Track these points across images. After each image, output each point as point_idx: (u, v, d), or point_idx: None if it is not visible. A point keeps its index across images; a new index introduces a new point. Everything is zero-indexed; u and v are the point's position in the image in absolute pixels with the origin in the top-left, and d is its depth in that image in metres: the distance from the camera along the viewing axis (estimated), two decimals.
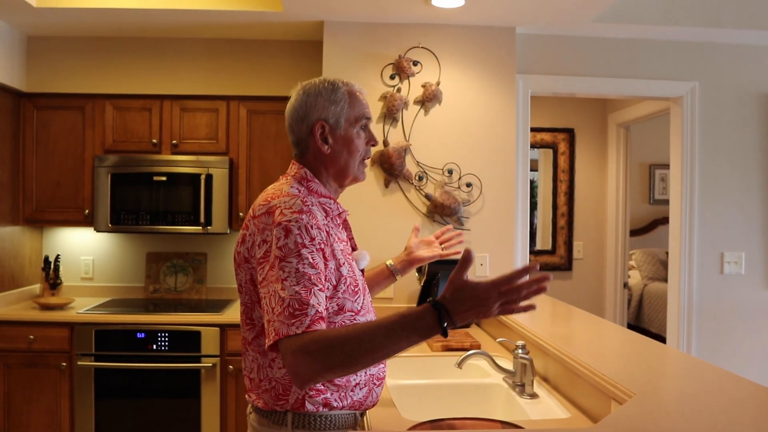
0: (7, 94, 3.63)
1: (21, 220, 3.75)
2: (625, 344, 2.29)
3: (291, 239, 1.42)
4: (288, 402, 1.53)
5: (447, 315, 1.27)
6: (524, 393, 2.14)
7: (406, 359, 2.59)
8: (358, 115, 1.62)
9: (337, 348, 1.31)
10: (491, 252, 3.48)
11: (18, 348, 3.44)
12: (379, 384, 1.67)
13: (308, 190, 1.59)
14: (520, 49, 3.56)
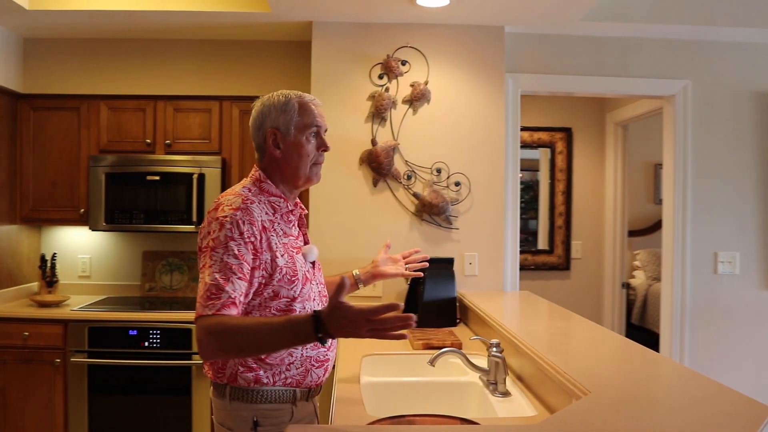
0: (4, 95, 3.70)
1: (18, 219, 3.81)
2: (600, 344, 2.28)
3: (222, 233, 1.62)
4: (225, 375, 1.72)
5: (323, 328, 1.43)
6: (497, 391, 2.15)
7: (385, 357, 2.61)
8: (308, 123, 1.80)
9: (231, 334, 1.51)
10: (480, 251, 3.48)
11: (13, 344, 3.51)
12: (320, 366, 1.79)
13: (260, 190, 1.79)
14: (510, 48, 3.56)
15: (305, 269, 1.78)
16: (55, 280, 3.85)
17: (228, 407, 1.71)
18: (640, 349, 2.09)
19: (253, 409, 1.69)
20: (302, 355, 1.75)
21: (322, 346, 1.57)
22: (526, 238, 5.02)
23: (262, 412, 1.70)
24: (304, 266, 1.78)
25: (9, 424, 3.53)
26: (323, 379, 1.84)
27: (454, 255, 3.43)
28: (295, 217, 1.86)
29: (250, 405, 1.69)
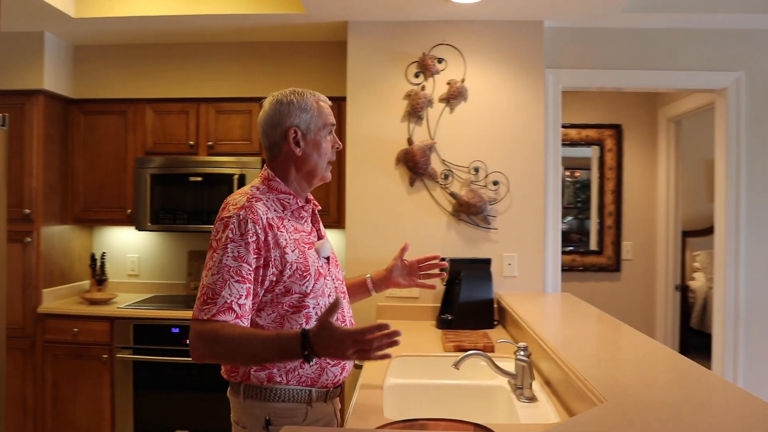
0: (56, 101, 3.85)
1: (70, 219, 3.96)
2: (629, 349, 2.19)
3: (224, 234, 1.63)
4: (239, 374, 1.73)
5: (310, 346, 1.48)
6: (523, 396, 2.09)
7: (414, 359, 2.57)
8: (326, 122, 1.82)
9: (222, 344, 1.55)
10: (519, 251, 3.40)
11: (64, 340, 3.65)
12: (335, 364, 1.77)
13: (269, 188, 1.78)
14: (550, 43, 3.46)
15: (318, 264, 1.76)
16: (105, 279, 3.98)
17: (242, 405, 1.72)
18: (671, 355, 1.99)
19: (266, 407, 1.69)
20: None
21: (308, 365, 1.60)
22: (580, 239, 4.89)
23: (275, 410, 1.69)
24: (317, 262, 1.77)
25: (61, 417, 3.67)
26: (341, 379, 1.81)
27: (492, 255, 3.37)
28: (308, 213, 1.85)
29: (263, 403, 1.69)
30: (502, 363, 2.20)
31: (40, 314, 3.67)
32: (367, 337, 1.44)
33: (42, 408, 3.67)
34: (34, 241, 3.68)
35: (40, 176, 3.70)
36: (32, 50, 3.68)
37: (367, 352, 1.45)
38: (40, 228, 3.70)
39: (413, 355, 2.59)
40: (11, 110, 3.68)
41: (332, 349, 1.46)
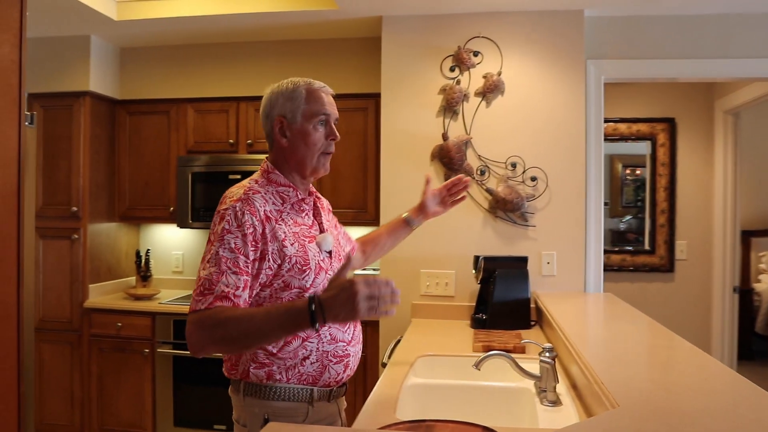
0: (104, 102, 3.97)
1: (116, 217, 4.07)
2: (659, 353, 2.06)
3: (221, 226, 1.59)
4: (238, 371, 1.69)
5: (318, 305, 1.39)
6: (546, 399, 2.00)
7: (441, 358, 2.51)
8: (315, 110, 1.73)
9: (222, 326, 1.47)
10: (559, 249, 3.28)
11: (108, 334, 3.75)
12: (338, 361, 1.72)
13: (268, 181, 1.75)
14: (591, 33, 3.32)
15: (319, 258, 1.70)
16: (149, 275, 4.07)
17: (242, 403, 1.69)
18: (704, 361, 1.85)
19: (265, 405, 1.65)
20: (318, 349, 1.68)
21: (314, 331, 1.44)
22: (636, 238, 4.70)
23: (274, 409, 1.65)
24: (318, 255, 1.71)
25: (105, 409, 3.78)
26: (344, 377, 1.77)
27: (530, 253, 3.26)
28: (309, 206, 1.80)
29: (262, 401, 1.65)
30: (528, 365, 2.12)
31: (86, 309, 3.78)
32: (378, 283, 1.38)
33: (88, 399, 3.79)
34: (81, 238, 3.80)
35: (87, 175, 3.81)
36: (79, 53, 3.80)
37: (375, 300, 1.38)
38: (87, 225, 3.81)
39: (439, 354, 2.53)
40: (60, 112, 3.82)
41: (342, 298, 1.37)
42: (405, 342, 2.80)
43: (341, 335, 1.73)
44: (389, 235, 2.27)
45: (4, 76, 1.97)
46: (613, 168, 4.70)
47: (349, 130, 3.81)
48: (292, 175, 1.77)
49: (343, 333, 1.74)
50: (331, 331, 1.71)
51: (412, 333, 3.00)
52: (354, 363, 1.80)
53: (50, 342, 3.83)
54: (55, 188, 3.85)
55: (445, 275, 3.36)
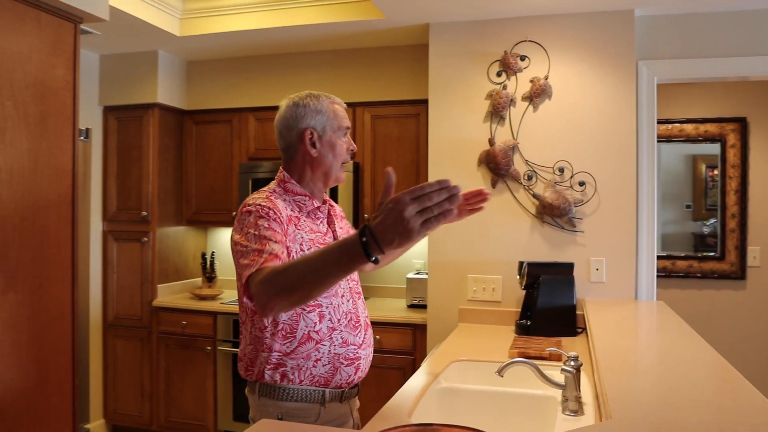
0: (172, 113, 4.22)
1: (184, 221, 4.31)
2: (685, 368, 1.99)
3: (251, 217, 1.67)
4: (254, 372, 1.77)
5: (370, 233, 1.23)
6: (567, 408, 1.99)
7: (475, 363, 2.52)
8: (341, 124, 1.84)
9: (282, 275, 1.43)
10: (608, 256, 3.21)
11: (174, 331, 3.98)
12: (349, 364, 1.79)
13: (284, 191, 1.82)
14: (642, 34, 3.24)
15: None
16: (214, 276, 4.29)
17: (257, 403, 1.78)
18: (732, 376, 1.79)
19: (278, 406, 1.74)
20: (329, 352, 1.76)
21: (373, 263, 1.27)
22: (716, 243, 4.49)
23: (287, 409, 1.73)
24: None
25: (172, 402, 4.01)
26: (355, 379, 1.83)
27: (578, 259, 3.21)
28: (323, 213, 1.88)
29: (276, 402, 1.74)
30: (551, 373, 2.11)
31: (155, 307, 4.03)
32: (426, 191, 1.18)
33: (156, 392, 4.03)
34: (150, 240, 4.05)
35: (156, 181, 4.07)
36: (148, 68, 4.06)
37: (429, 211, 1.17)
38: (156, 229, 4.07)
39: (473, 360, 2.55)
40: (132, 123, 4.09)
41: (390, 219, 1.18)
42: (444, 346, 2.83)
43: (352, 338, 1.80)
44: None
45: (60, 96, 2.17)
46: (696, 169, 4.52)
47: (402, 135, 3.88)
48: (312, 183, 1.84)
49: (354, 336, 1.81)
50: (342, 334, 1.78)
51: (454, 337, 3.02)
52: (365, 365, 1.86)
53: (122, 338, 4.11)
54: (127, 194, 4.12)
55: (492, 280, 3.37)
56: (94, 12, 2.24)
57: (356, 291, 1.89)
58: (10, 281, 1.97)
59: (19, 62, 2.01)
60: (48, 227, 2.12)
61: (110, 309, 4.15)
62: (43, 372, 2.11)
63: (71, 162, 2.20)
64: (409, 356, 3.55)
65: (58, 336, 2.16)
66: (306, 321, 1.74)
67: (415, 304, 3.79)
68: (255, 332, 1.78)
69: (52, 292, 2.13)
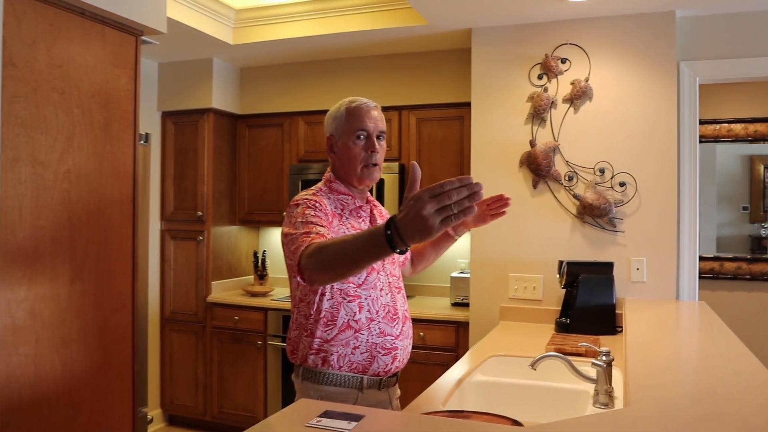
0: (226, 117, 4.42)
1: (237, 221, 4.51)
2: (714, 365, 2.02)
3: (299, 208, 1.80)
4: (298, 356, 1.91)
5: (394, 227, 1.28)
6: (598, 402, 2.05)
7: (511, 359, 2.60)
8: (354, 127, 1.93)
9: (324, 249, 1.52)
10: (649, 256, 3.23)
11: (227, 326, 4.17)
12: (386, 353, 1.90)
13: (330, 189, 1.98)
14: (683, 34, 3.24)
15: None
16: (265, 274, 4.46)
17: (301, 386, 1.92)
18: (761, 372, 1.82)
19: (319, 389, 1.87)
20: (367, 341, 1.88)
21: (394, 252, 1.32)
22: None
23: (326, 392, 1.86)
24: None
25: (224, 393, 4.20)
26: (392, 368, 1.94)
27: (619, 259, 3.24)
28: (366, 212, 2.00)
29: (317, 385, 1.87)
30: (583, 367, 2.17)
31: (209, 303, 4.23)
32: (446, 189, 1.19)
33: (210, 384, 4.23)
34: (205, 239, 4.26)
35: (211, 183, 4.27)
36: (203, 74, 4.27)
37: (448, 209, 1.19)
38: (210, 228, 4.27)
39: (509, 355, 2.63)
40: (188, 127, 4.31)
41: (411, 215, 1.22)
42: (484, 342, 2.91)
43: (389, 329, 1.91)
44: (433, 247, 2.31)
45: (122, 104, 2.35)
46: (753, 170, 4.45)
47: (446, 138, 3.97)
48: (348, 184, 1.97)
49: (392, 328, 1.92)
50: (380, 325, 1.90)
51: (494, 334, 3.10)
52: (402, 356, 1.97)
53: (178, 332, 4.33)
54: (183, 195, 4.34)
55: (533, 279, 3.42)
56: (153, 25, 2.42)
57: (396, 286, 2.00)
58: (77, 272, 2.16)
59: (85, 73, 2.20)
60: (111, 224, 2.30)
61: (167, 304, 4.38)
62: (106, 357, 2.29)
63: (132, 165, 2.38)
64: (452, 353, 3.63)
65: (120, 324, 2.34)
66: (346, 310, 1.86)
67: (459, 302, 3.87)
68: (300, 319, 1.92)
69: (114, 284, 2.32)
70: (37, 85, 2.01)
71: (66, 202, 2.12)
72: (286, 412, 1.48)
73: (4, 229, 1.90)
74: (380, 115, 2.00)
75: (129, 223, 2.38)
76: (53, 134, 2.07)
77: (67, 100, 2.12)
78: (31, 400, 1.99)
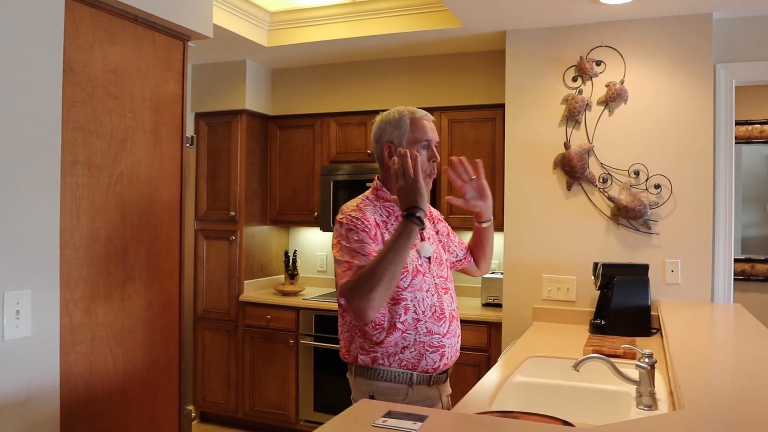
0: (258, 118, 4.47)
1: (268, 220, 4.56)
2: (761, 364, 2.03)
3: (342, 229, 1.90)
4: (350, 355, 1.99)
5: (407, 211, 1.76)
6: (641, 404, 2.07)
7: (550, 360, 2.62)
8: (418, 137, 1.98)
9: (362, 276, 1.73)
10: (684, 258, 3.23)
11: (259, 325, 4.23)
12: (434, 351, 1.95)
13: (377, 197, 2.05)
14: (720, 36, 3.24)
15: (417, 263, 1.95)
16: (296, 273, 4.51)
17: (354, 383, 2.00)
18: None
19: (371, 384, 1.94)
20: (415, 341, 1.92)
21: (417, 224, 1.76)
22: None
23: (378, 388, 1.93)
24: (417, 261, 1.95)
25: (256, 391, 4.26)
26: (441, 366, 1.98)
27: (654, 261, 3.25)
28: None
29: (369, 381, 1.94)
30: (625, 369, 2.19)
31: (241, 302, 4.29)
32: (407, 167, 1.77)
33: (242, 381, 4.29)
34: (238, 239, 4.31)
35: (243, 183, 4.33)
36: (237, 76, 4.32)
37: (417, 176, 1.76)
38: (242, 228, 4.33)
39: (548, 356, 2.65)
40: (221, 128, 4.37)
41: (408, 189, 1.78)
42: (520, 343, 2.93)
43: (436, 328, 1.95)
44: (475, 242, 2.31)
45: (171, 107, 2.40)
46: None
47: (478, 139, 3.99)
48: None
49: (438, 327, 1.96)
50: (427, 325, 1.94)
51: (529, 335, 3.12)
52: (450, 353, 2.00)
53: (211, 330, 4.39)
54: (216, 195, 4.40)
55: (567, 281, 3.44)
56: (200, 30, 2.46)
57: (443, 287, 2.04)
58: (129, 273, 2.21)
59: (137, 78, 2.25)
60: (160, 226, 2.35)
61: (200, 303, 4.44)
62: (154, 356, 2.34)
63: (180, 167, 2.43)
64: (483, 353, 3.66)
65: (168, 324, 2.39)
66: (392, 313, 1.90)
67: (490, 303, 3.89)
68: (348, 323, 1.97)
69: (162, 284, 2.36)
70: (94, 90, 2.06)
71: (119, 205, 2.17)
72: (350, 412, 1.52)
73: (63, 231, 1.95)
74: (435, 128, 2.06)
75: (176, 224, 2.42)
76: (107, 138, 2.12)
77: (120, 104, 2.17)
78: (87, 397, 2.05)
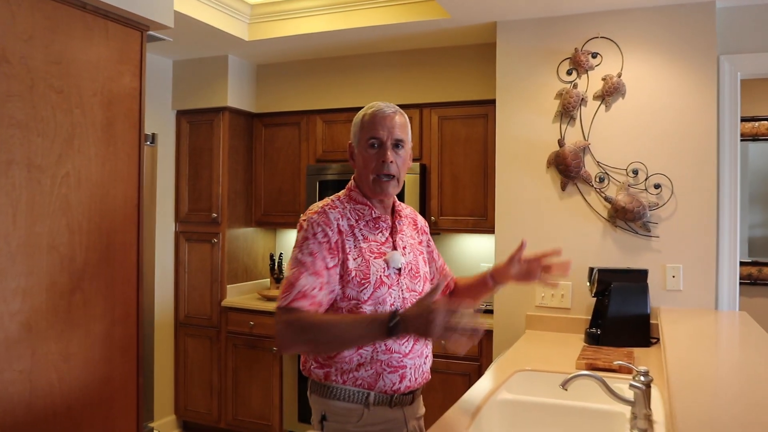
0: (242, 116, 4.29)
1: (253, 222, 4.39)
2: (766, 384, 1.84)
3: (301, 234, 1.75)
4: (305, 369, 1.84)
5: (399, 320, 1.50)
6: (636, 426, 1.88)
7: (539, 374, 2.44)
8: (367, 136, 1.81)
9: (309, 331, 1.60)
10: (686, 262, 3.03)
11: (242, 331, 4.05)
12: (393, 371, 1.77)
13: (349, 198, 1.87)
14: (724, 26, 3.04)
15: (382, 274, 1.76)
16: (281, 277, 4.33)
17: (311, 400, 1.83)
18: None
19: (324, 403, 1.77)
20: (372, 358, 1.74)
21: (393, 338, 1.55)
22: None
23: (331, 407, 1.75)
24: (382, 271, 1.77)
25: (239, 399, 4.08)
26: (402, 388, 1.79)
27: (654, 266, 3.05)
28: (386, 223, 1.86)
29: (323, 399, 1.77)
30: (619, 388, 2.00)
31: (224, 307, 4.12)
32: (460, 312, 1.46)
33: (225, 390, 4.12)
34: (220, 241, 4.14)
35: (225, 184, 4.15)
36: (218, 72, 4.15)
37: (453, 328, 1.45)
38: (225, 230, 4.15)
39: (538, 370, 2.46)
40: (202, 126, 4.20)
41: (423, 318, 1.46)
42: (510, 354, 2.75)
43: (396, 347, 1.77)
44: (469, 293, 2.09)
45: (127, 102, 2.23)
46: None
47: (469, 136, 3.80)
48: (367, 194, 1.85)
49: (399, 345, 1.77)
50: (387, 342, 1.75)
51: (520, 345, 2.93)
52: (415, 375, 1.81)
53: (193, 336, 4.22)
54: (198, 196, 4.23)
55: (561, 286, 3.25)
56: (159, 20, 2.29)
57: (411, 302, 1.83)
58: (77, 283, 2.04)
59: (87, 70, 2.07)
60: (114, 230, 2.18)
61: (181, 308, 4.27)
62: (109, 370, 2.17)
63: (137, 167, 2.26)
64: (474, 362, 3.47)
65: (124, 336, 2.22)
66: None
67: (481, 310, 3.70)
68: None
69: (117, 293, 2.19)
70: (34, 83, 1.89)
71: (64, 208, 1.99)
72: None
73: None
74: (400, 122, 1.81)
75: (133, 228, 2.25)
76: (51, 136, 1.94)
77: (66, 99, 1.99)
78: (27, 419, 1.88)
